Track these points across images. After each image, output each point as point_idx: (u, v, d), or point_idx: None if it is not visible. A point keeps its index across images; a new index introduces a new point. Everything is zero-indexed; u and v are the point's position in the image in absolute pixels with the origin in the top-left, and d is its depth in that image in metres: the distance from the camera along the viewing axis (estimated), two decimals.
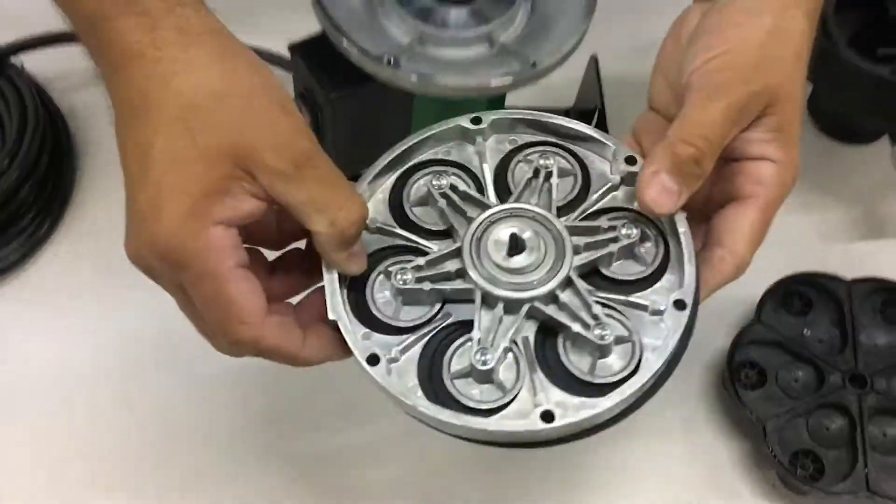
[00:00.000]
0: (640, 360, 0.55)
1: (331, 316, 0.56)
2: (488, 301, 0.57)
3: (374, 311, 0.58)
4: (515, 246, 0.57)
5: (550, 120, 0.63)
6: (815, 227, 0.95)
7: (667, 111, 0.65)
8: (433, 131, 0.63)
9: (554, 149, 0.64)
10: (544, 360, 0.56)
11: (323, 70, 0.73)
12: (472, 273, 0.56)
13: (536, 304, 0.56)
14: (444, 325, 0.57)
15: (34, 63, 0.96)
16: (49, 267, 0.90)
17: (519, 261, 0.57)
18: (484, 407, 0.54)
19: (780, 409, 0.82)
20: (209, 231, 0.49)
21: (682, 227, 0.58)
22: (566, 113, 0.66)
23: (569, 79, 0.93)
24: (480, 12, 0.73)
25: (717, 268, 0.59)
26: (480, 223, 0.58)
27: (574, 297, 0.57)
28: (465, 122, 0.63)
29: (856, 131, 1.02)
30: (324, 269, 0.56)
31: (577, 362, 0.56)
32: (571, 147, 0.64)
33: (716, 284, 0.59)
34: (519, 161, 0.63)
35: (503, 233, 0.58)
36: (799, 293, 0.88)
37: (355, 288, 0.59)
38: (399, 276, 0.56)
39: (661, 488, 0.83)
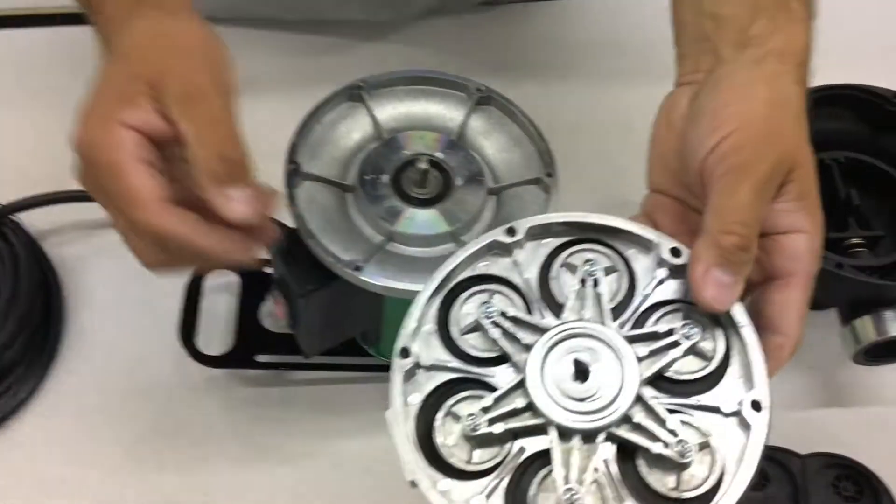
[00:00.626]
0: (723, 467, 0.53)
1: (408, 477, 0.53)
2: (564, 434, 0.54)
3: (447, 458, 0.55)
4: (581, 372, 0.55)
5: (585, 219, 0.61)
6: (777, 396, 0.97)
7: (670, 193, 0.65)
8: (469, 251, 0.60)
9: (593, 245, 0.61)
10: (629, 483, 0.54)
11: (297, 264, 0.77)
12: (543, 407, 0.54)
13: (612, 429, 0.54)
14: (521, 461, 0.54)
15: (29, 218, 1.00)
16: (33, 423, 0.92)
17: (587, 387, 0.54)
18: None
19: None
20: (115, 129, 0.58)
21: (743, 320, 0.56)
22: None
23: None
24: (448, 213, 0.77)
25: (775, 355, 0.58)
26: (540, 351, 0.56)
27: (646, 413, 0.54)
28: (500, 235, 0.60)
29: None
30: (391, 426, 0.55)
31: (661, 479, 0.54)
32: (610, 242, 0.61)
33: (774, 371, 0.58)
34: (561, 265, 0.60)
35: (565, 358, 0.56)
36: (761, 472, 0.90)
37: (425, 428, 0.56)
38: (469, 421, 0.54)
39: None
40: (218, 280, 0.98)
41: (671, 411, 0.55)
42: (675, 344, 0.56)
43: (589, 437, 0.54)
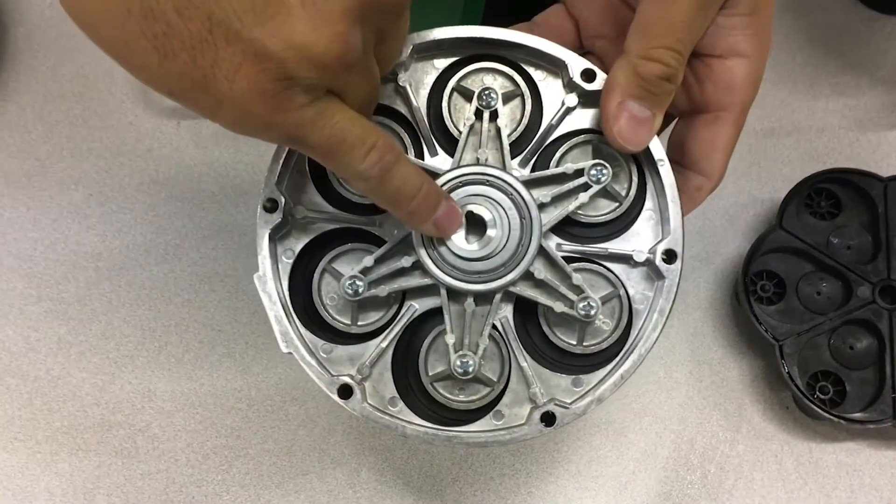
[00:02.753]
0: (630, 317, 0.49)
1: (284, 349, 0.48)
2: (455, 296, 0.49)
3: (329, 319, 0.50)
4: (476, 227, 0.48)
5: (482, 34, 0.50)
6: (849, 114, 0.83)
7: None
8: None
9: (492, 64, 0.51)
10: (528, 341, 0.50)
11: None
12: (432, 267, 0.48)
13: (510, 287, 0.48)
14: (411, 320, 0.49)
15: None
16: None
17: (482, 244, 0.48)
18: (473, 407, 0.49)
19: (800, 326, 0.72)
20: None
21: (660, 154, 0.49)
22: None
23: None
24: None
25: (692, 196, 0.51)
26: None
27: (549, 268, 0.49)
28: None
29: None
30: (262, 298, 0.48)
31: (565, 335, 0.50)
32: (512, 59, 0.51)
33: (688, 212, 0.51)
34: (453, 90, 0.51)
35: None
36: (827, 193, 0.77)
37: (301, 292, 0.50)
38: (349, 287, 0.48)
39: (662, 409, 0.75)
40: None
41: (576, 260, 0.49)
42: (585, 187, 0.49)
43: (484, 297, 0.49)
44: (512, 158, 0.49)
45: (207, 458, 0.73)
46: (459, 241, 0.48)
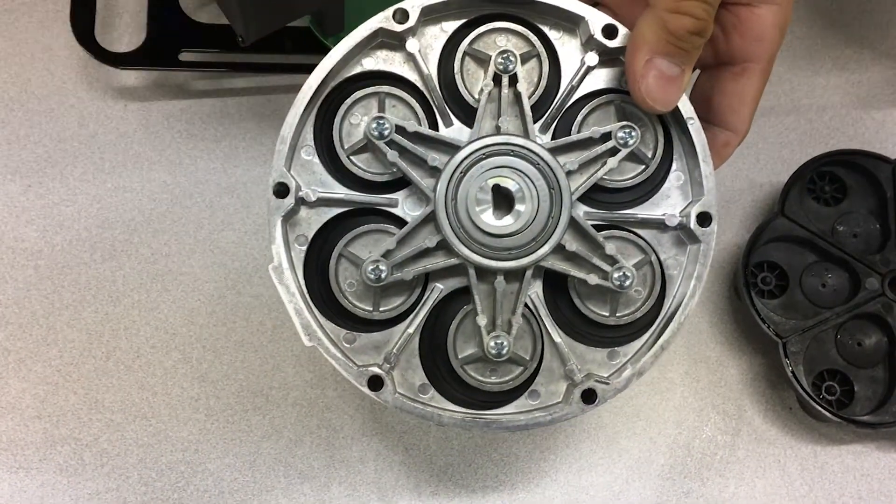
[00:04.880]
0: (663, 283, 0.47)
1: (307, 343, 0.45)
2: (484, 275, 0.46)
3: (349, 307, 0.47)
4: (504, 201, 0.46)
5: None
6: (851, 91, 0.77)
7: None
8: (346, 47, 0.46)
9: (505, 24, 0.47)
10: (559, 315, 0.47)
11: None
12: (459, 246, 0.45)
13: (541, 262, 0.46)
14: (436, 302, 0.47)
15: None
16: None
17: (511, 219, 0.46)
18: (507, 388, 0.47)
19: (804, 322, 0.67)
20: None
21: (689, 113, 0.46)
22: None
23: None
24: None
25: (720, 152, 0.50)
26: (451, 175, 0.45)
27: (580, 239, 0.46)
28: (386, 22, 0.46)
29: None
30: (280, 290, 0.46)
31: (598, 307, 0.48)
32: (526, 17, 0.48)
33: (715, 169, 0.49)
34: (465, 55, 0.47)
35: (483, 184, 0.46)
36: (831, 176, 0.71)
37: (317, 280, 0.47)
38: (371, 272, 0.45)
39: (656, 412, 0.69)
40: None
41: (604, 228, 0.47)
42: (613, 151, 0.46)
43: (514, 275, 0.46)
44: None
45: (162, 475, 0.67)
46: (487, 216, 0.45)
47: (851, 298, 0.68)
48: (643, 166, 0.48)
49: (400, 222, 0.47)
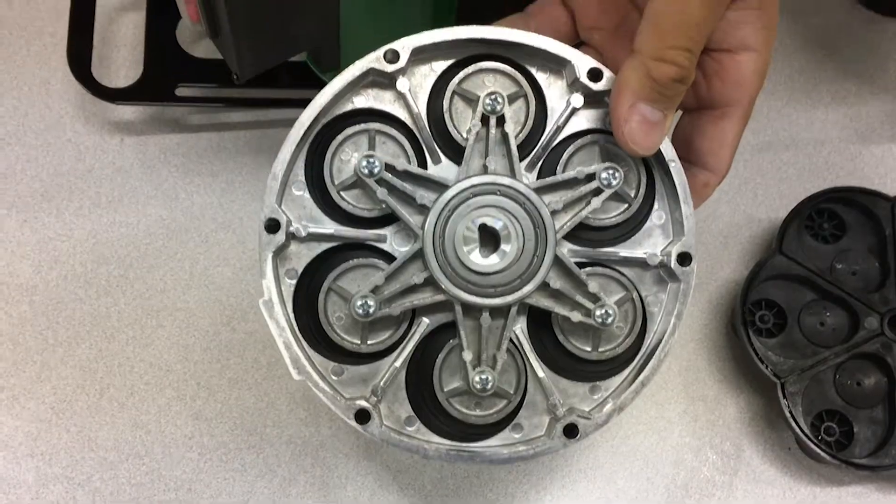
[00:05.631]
0: (644, 320, 0.48)
1: (296, 377, 0.46)
2: (470, 311, 0.47)
3: (338, 340, 0.47)
4: (490, 239, 0.47)
5: (481, 34, 0.48)
6: (850, 125, 0.77)
7: None
8: (338, 86, 0.47)
9: (493, 64, 0.48)
10: (543, 350, 0.48)
11: None
12: (446, 283, 0.46)
13: (526, 299, 0.47)
14: (422, 336, 0.48)
15: None
16: None
17: (497, 257, 0.46)
18: (491, 420, 0.48)
19: (803, 361, 0.66)
20: None
21: (671, 155, 0.47)
22: None
23: None
24: None
25: (700, 192, 0.51)
26: (439, 214, 0.46)
27: (564, 277, 0.47)
28: (377, 62, 0.47)
29: None
30: (269, 325, 0.46)
31: (580, 342, 0.48)
32: (513, 58, 0.48)
33: (695, 209, 0.50)
34: (454, 94, 0.48)
35: (470, 223, 0.46)
36: (829, 213, 0.71)
37: (306, 313, 0.47)
38: (360, 307, 0.45)
39: (653, 451, 0.69)
40: None
41: (587, 265, 0.48)
42: (597, 191, 0.47)
43: (499, 310, 0.47)
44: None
45: None
46: (475, 256, 0.46)
47: (850, 338, 0.67)
48: (626, 205, 0.48)
49: (388, 257, 0.47)
